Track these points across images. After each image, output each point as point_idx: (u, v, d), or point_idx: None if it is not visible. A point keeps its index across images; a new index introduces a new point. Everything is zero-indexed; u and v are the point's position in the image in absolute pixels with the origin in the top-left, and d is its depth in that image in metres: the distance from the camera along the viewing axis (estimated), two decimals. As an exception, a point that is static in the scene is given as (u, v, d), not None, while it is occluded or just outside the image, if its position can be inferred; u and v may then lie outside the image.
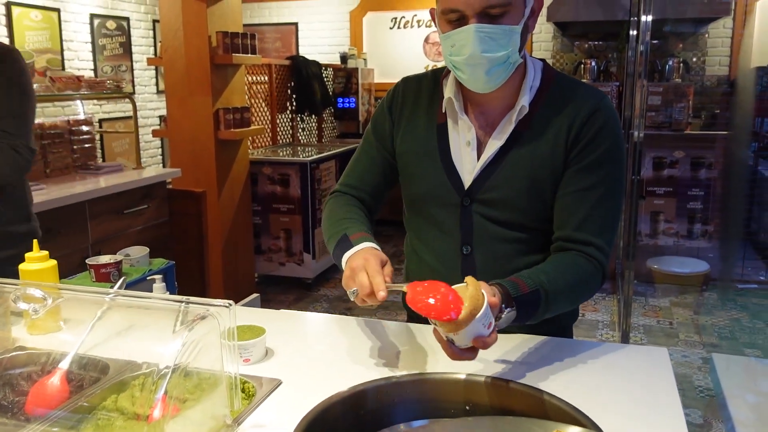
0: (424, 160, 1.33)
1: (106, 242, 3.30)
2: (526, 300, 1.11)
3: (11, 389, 1.19)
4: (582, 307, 4.38)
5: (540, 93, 1.27)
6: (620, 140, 1.26)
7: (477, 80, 1.20)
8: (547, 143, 1.24)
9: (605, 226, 1.24)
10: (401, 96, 1.39)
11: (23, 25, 5.07)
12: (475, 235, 1.30)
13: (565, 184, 1.25)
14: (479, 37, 1.14)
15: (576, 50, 6.30)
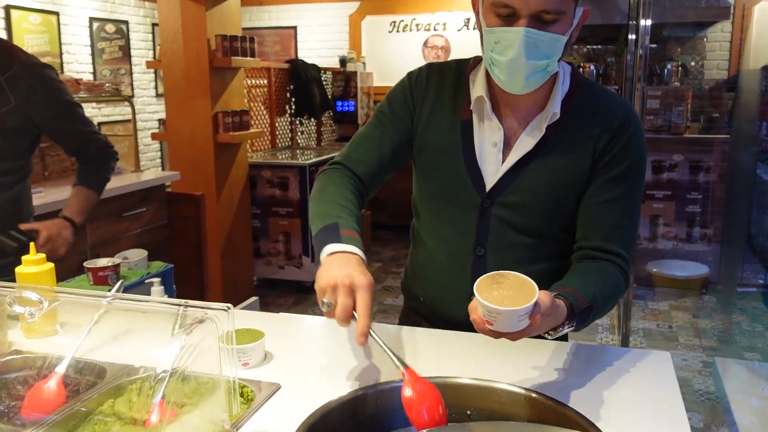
0: (447, 157, 1.29)
1: (105, 245, 3.28)
2: (583, 313, 1.10)
3: (7, 393, 1.18)
4: (581, 310, 4.38)
5: (568, 98, 1.25)
6: (645, 152, 1.26)
7: (514, 84, 1.17)
8: (574, 152, 1.23)
9: (630, 237, 1.24)
10: (425, 81, 1.33)
11: (22, 29, 5.07)
12: (491, 238, 1.29)
13: (592, 194, 1.24)
14: (527, 42, 1.10)
15: (574, 54, 6.30)
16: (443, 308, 1.38)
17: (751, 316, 4.24)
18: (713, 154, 4.79)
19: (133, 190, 3.52)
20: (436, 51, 6.64)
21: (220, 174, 4.19)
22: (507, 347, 1.31)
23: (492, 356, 1.27)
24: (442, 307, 1.38)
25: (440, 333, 1.38)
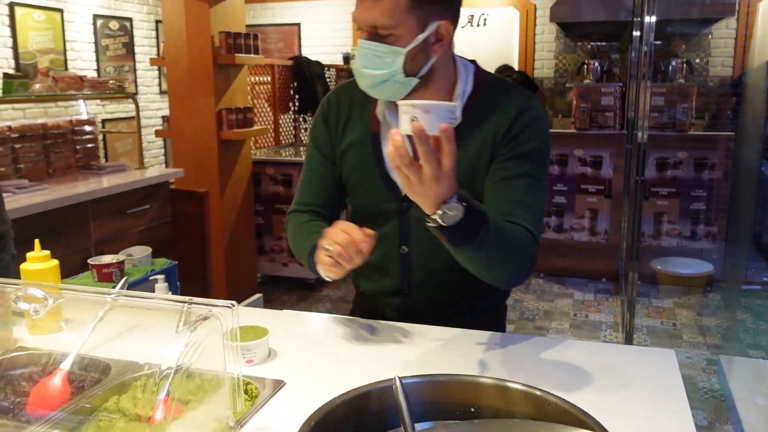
0: (363, 172, 1.37)
1: (109, 242, 3.29)
2: (475, 212, 1.05)
3: (12, 390, 1.18)
4: (585, 307, 4.38)
5: (472, 98, 1.30)
6: (548, 137, 1.30)
7: (368, 90, 1.26)
8: (478, 146, 1.28)
9: (534, 214, 1.25)
10: (336, 107, 1.42)
11: (26, 26, 5.07)
12: (412, 237, 1.36)
13: (494, 174, 1.27)
14: (363, 53, 1.21)
15: (579, 51, 6.28)
16: (380, 300, 1.48)
17: (755, 314, 4.23)
18: (718, 151, 4.78)
19: (137, 187, 3.52)
20: (440, 48, 6.63)
21: (224, 171, 4.19)
22: (510, 345, 1.31)
23: (495, 353, 1.27)
24: (379, 298, 1.49)
25: (442, 330, 1.38)
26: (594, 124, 4.95)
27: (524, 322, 4.17)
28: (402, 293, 1.43)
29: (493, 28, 6.49)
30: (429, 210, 1.03)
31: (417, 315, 1.43)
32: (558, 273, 5.08)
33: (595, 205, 4.98)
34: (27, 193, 3.05)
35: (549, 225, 5.09)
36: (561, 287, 4.85)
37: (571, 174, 4.99)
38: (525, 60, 6.40)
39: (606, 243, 4.98)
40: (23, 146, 3.34)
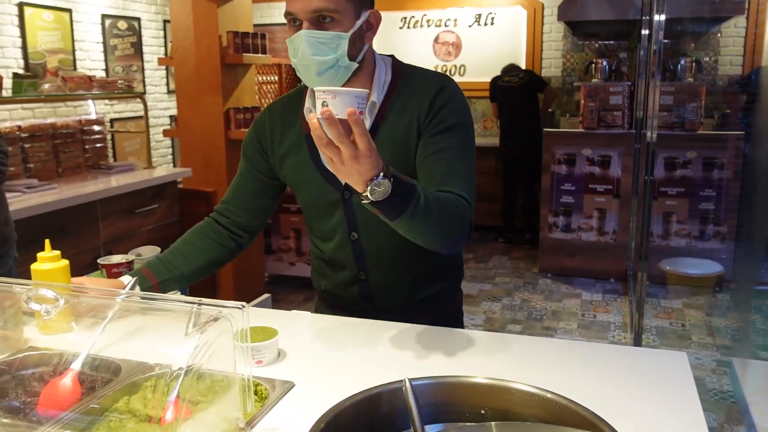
0: (302, 172, 1.45)
1: (118, 242, 3.30)
2: (403, 185, 1.12)
3: (23, 390, 1.18)
4: (593, 308, 4.37)
5: (392, 85, 1.39)
6: (468, 111, 1.39)
7: (310, 79, 1.31)
8: (403, 127, 1.36)
9: (466, 181, 1.31)
10: (268, 122, 1.50)
11: (35, 26, 5.09)
12: (359, 222, 1.43)
13: (422, 150, 1.34)
14: (309, 41, 1.26)
15: (587, 50, 6.26)
16: (339, 291, 1.53)
17: (766, 315, 4.20)
18: (727, 150, 4.75)
19: (146, 186, 3.53)
20: (447, 47, 6.62)
21: (232, 170, 4.18)
22: (520, 347, 1.31)
23: (505, 355, 1.26)
24: (338, 290, 1.53)
25: (451, 331, 1.37)
26: (602, 124, 4.93)
27: (532, 322, 4.16)
28: (359, 280, 1.49)
29: (501, 27, 6.47)
30: (359, 188, 1.10)
31: (378, 300, 1.50)
32: (566, 273, 5.07)
33: (604, 204, 4.96)
34: (36, 192, 3.06)
35: (557, 225, 5.07)
36: (569, 287, 4.84)
37: (579, 173, 4.97)
38: (532, 59, 6.39)
39: (614, 243, 4.97)
40: (33, 146, 3.35)
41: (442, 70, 6.65)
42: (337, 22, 1.27)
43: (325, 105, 1.03)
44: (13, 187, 3.03)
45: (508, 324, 4.14)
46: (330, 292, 1.58)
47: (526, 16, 6.37)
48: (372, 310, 1.51)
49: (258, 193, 1.55)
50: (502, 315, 4.30)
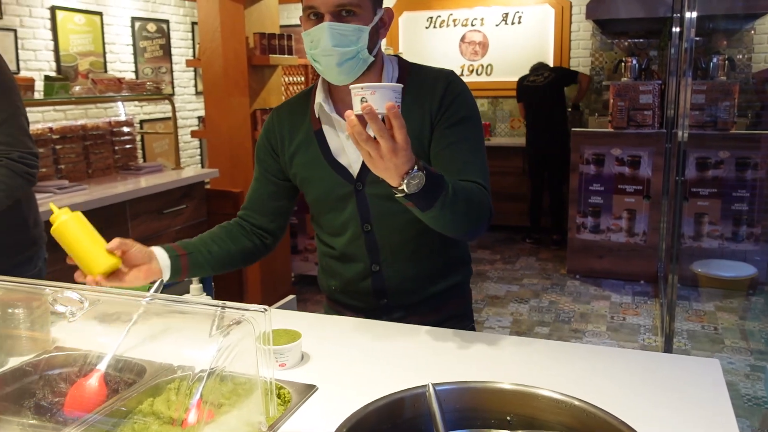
0: (313, 167, 1.47)
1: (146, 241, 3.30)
2: (434, 177, 1.16)
3: (50, 390, 1.20)
4: (622, 310, 4.30)
5: (400, 81, 1.43)
6: (475, 104, 1.44)
7: (330, 70, 1.35)
8: (414, 120, 1.37)
9: (482, 171, 1.37)
10: (276, 127, 1.53)
11: (67, 29, 5.18)
12: (372, 214, 1.44)
13: (437, 143, 1.38)
14: (331, 33, 1.30)
15: (616, 48, 6.17)
16: (351, 287, 1.54)
17: (801, 319, 4.10)
18: (761, 150, 4.64)
19: (174, 187, 3.56)
20: (474, 46, 6.58)
21: (259, 171, 4.21)
22: (548, 351, 1.29)
23: (531, 360, 1.24)
24: (350, 286, 1.54)
25: (475, 335, 1.35)
26: (632, 123, 4.85)
27: (559, 324, 4.11)
28: (372, 273, 1.49)
29: (528, 25, 6.41)
30: (394, 182, 1.13)
31: (390, 294, 1.50)
32: (594, 275, 5.00)
33: (633, 205, 4.88)
34: (67, 193, 3.10)
35: (585, 226, 5.01)
36: (597, 289, 4.77)
37: (608, 174, 4.90)
38: (560, 58, 6.32)
39: (644, 244, 4.88)
40: (64, 147, 3.40)
41: (469, 69, 6.61)
42: (357, 15, 1.32)
43: (365, 101, 1.05)
44: (44, 188, 3.08)
45: (535, 326, 4.10)
46: (340, 291, 1.58)
47: (553, 14, 6.31)
48: (383, 307, 1.51)
49: (272, 195, 1.56)
50: (530, 317, 4.26)
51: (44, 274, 2.15)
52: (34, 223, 2.04)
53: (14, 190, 1.81)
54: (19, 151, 1.82)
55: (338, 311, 1.61)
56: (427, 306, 1.52)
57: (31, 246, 2.02)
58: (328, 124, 1.46)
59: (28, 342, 1.30)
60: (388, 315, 1.51)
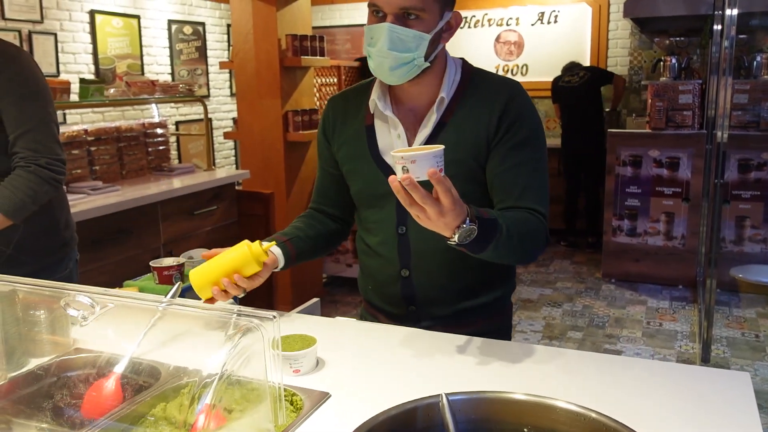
0: (358, 161, 1.46)
1: (177, 242, 3.37)
2: (486, 224, 1.18)
3: (68, 391, 1.21)
4: (659, 315, 4.19)
5: (461, 86, 1.40)
6: (537, 118, 1.40)
7: (382, 71, 1.33)
8: (470, 130, 1.36)
9: (542, 195, 1.37)
10: (331, 116, 1.53)
11: (105, 32, 5.28)
12: (409, 217, 1.39)
13: (499, 163, 1.36)
14: (391, 36, 1.27)
15: (655, 47, 6.03)
16: (383, 289, 1.52)
17: None
18: (807, 151, 4.48)
19: (205, 188, 3.60)
20: (509, 46, 6.51)
21: (290, 172, 4.24)
22: (568, 361, 1.25)
23: (552, 370, 1.21)
24: (382, 289, 1.53)
25: (496, 343, 1.32)
26: (671, 124, 4.73)
27: (593, 329, 4.03)
28: (402, 278, 1.46)
29: (564, 24, 6.31)
30: (446, 234, 1.14)
31: (420, 302, 1.47)
32: (630, 279, 4.89)
33: (672, 208, 4.76)
34: (101, 194, 3.15)
35: (621, 228, 4.90)
36: (633, 293, 4.67)
37: (645, 176, 4.79)
38: (597, 57, 6.20)
39: (683, 248, 4.76)
40: (98, 149, 3.46)
41: (504, 69, 6.54)
42: (421, 20, 1.29)
43: (405, 170, 1.07)
44: (78, 189, 3.13)
45: (568, 330, 4.03)
46: (374, 293, 1.56)
47: (591, 13, 6.19)
48: (412, 315, 1.48)
49: (335, 187, 1.56)
50: (563, 321, 4.18)
51: (76, 275, 2.18)
52: (65, 225, 2.07)
53: (41, 195, 1.84)
54: (47, 157, 1.85)
55: (373, 315, 1.59)
56: (459, 319, 1.47)
57: (62, 248, 2.05)
58: (381, 120, 1.44)
59: (49, 343, 1.31)
60: (417, 324, 1.47)
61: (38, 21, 4.76)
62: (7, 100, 1.82)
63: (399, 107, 1.44)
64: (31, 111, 1.85)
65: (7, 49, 1.85)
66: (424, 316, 1.48)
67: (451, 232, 1.12)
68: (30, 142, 1.84)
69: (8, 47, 1.86)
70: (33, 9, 4.73)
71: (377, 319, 1.58)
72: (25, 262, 1.95)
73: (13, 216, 1.81)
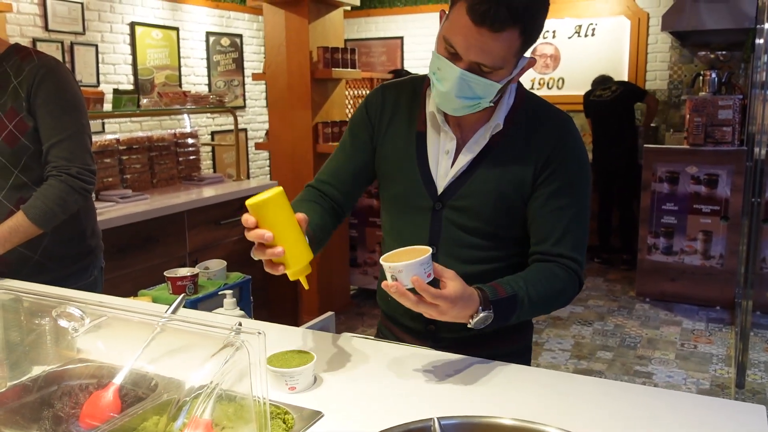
0: (403, 166, 1.41)
1: (203, 251, 3.41)
2: (503, 304, 1.20)
3: (69, 400, 1.21)
4: (694, 337, 4.06)
5: (513, 110, 1.35)
6: (587, 163, 1.37)
7: (444, 107, 1.30)
8: (516, 160, 1.33)
9: (580, 241, 1.34)
10: (381, 102, 1.45)
11: (145, 44, 5.40)
12: (442, 238, 1.39)
13: (542, 203, 1.33)
14: (461, 82, 1.21)
15: (696, 61, 5.89)
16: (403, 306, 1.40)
17: None
18: None
19: (231, 198, 3.63)
20: (545, 59, 6.44)
21: (319, 184, 4.24)
22: (572, 386, 1.20)
23: (552, 395, 1.16)
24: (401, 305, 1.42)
25: (499, 366, 1.29)
26: (709, 140, 4.60)
27: (624, 350, 3.93)
28: None
29: (602, 38, 6.21)
30: (463, 321, 1.17)
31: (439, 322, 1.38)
32: (665, 298, 4.76)
33: (710, 226, 4.62)
34: (129, 202, 3.21)
35: (657, 246, 4.78)
36: (668, 314, 4.54)
37: (682, 193, 4.66)
38: (636, 71, 6.08)
39: (721, 268, 4.61)
40: (129, 158, 3.53)
41: (539, 83, 6.47)
42: (495, 73, 1.23)
43: (394, 279, 1.11)
44: (107, 197, 3.19)
45: (597, 350, 3.93)
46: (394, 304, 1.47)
47: (629, 26, 6.09)
48: (431, 334, 1.44)
49: (355, 172, 1.47)
50: (592, 340, 4.09)
51: (100, 283, 2.21)
52: (91, 233, 2.11)
53: (70, 205, 1.88)
54: (78, 167, 1.88)
55: (389, 329, 1.55)
56: (479, 342, 1.41)
57: (87, 255, 2.09)
58: (434, 130, 1.39)
59: (54, 352, 1.32)
60: (435, 343, 1.43)
61: (80, 33, 4.89)
62: (44, 109, 1.87)
63: (450, 121, 1.38)
64: (66, 122, 1.89)
65: (47, 62, 1.90)
66: (443, 335, 1.44)
67: (466, 321, 1.16)
68: (63, 152, 1.88)
69: (48, 59, 1.91)
70: (75, 21, 4.86)
71: (393, 333, 1.54)
72: (52, 268, 1.99)
73: (42, 225, 1.85)
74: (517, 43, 1.19)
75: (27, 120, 1.86)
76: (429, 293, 1.09)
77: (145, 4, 5.39)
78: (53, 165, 1.88)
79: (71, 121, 1.91)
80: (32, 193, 1.87)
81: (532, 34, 1.21)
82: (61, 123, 1.88)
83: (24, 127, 1.86)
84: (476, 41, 1.17)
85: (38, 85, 1.85)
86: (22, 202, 1.86)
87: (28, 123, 1.86)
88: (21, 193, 1.89)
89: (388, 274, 1.11)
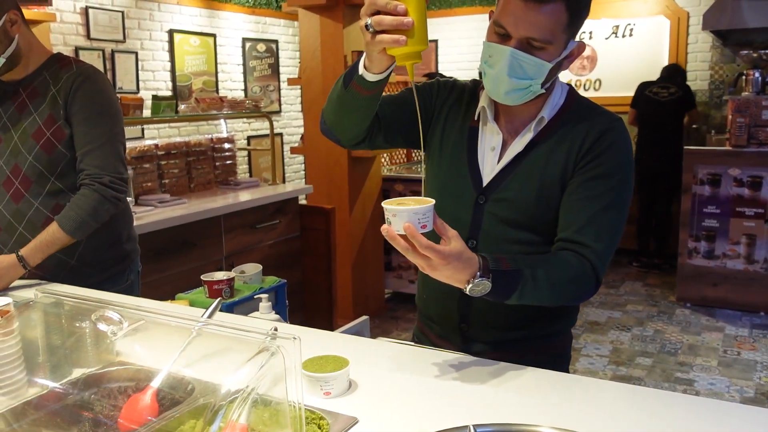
0: (453, 158, 1.43)
1: (239, 255, 3.44)
2: (505, 276, 1.18)
3: (108, 403, 1.23)
4: (737, 344, 3.96)
5: (562, 110, 1.37)
6: (630, 162, 1.34)
7: (496, 93, 1.31)
8: (560, 154, 1.33)
9: (605, 233, 1.30)
10: (449, 90, 1.49)
11: (183, 50, 5.49)
12: (483, 231, 1.39)
13: (572, 191, 1.32)
14: (511, 62, 1.23)
15: (739, 60, 5.74)
16: (440, 302, 1.47)
17: None
18: None
19: (267, 202, 3.66)
20: (582, 60, 6.35)
21: (354, 187, 4.26)
22: (611, 395, 1.18)
23: (590, 404, 1.14)
24: (439, 300, 1.47)
25: (543, 373, 1.26)
26: (753, 141, 4.48)
27: (664, 356, 3.84)
28: (460, 293, 1.36)
29: (640, 38, 6.11)
30: (458, 286, 1.16)
31: (472, 323, 1.42)
32: (707, 303, 4.65)
33: (753, 230, 4.50)
34: (168, 206, 3.26)
35: (698, 251, 4.67)
36: (710, 319, 4.43)
37: (724, 195, 4.55)
38: (676, 72, 5.95)
39: (765, 273, 4.48)
40: (168, 163, 3.58)
41: (576, 84, 6.38)
42: (545, 50, 1.24)
43: (389, 222, 1.11)
44: (146, 201, 3.25)
45: (636, 356, 3.85)
46: (430, 303, 1.51)
47: (669, 26, 5.97)
48: (464, 334, 1.43)
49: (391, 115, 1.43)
50: (631, 346, 4.01)
51: (137, 287, 2.24)
52: (127, 237, 2.14)
53: (102, 213, 1.90)
54: (110, 175, 1.91)
55: (426, 335, 1.54)
56: (512, 346, 1.41)
57: (123, 260, 2.12)
58: (486, 126, 1.42)
59: (93, 355, 1.35)
60: (467, 346, 1.43)
61: (120, 41, 4.99)
62: (80, 116, 1.90)
63: (500, 117, 1.41)
64: (100, 129, 1.92)
65: (84, 70, 1.94)
66: (476, 337, 1.43)
67: (462, 285, 1.15)
68: (96, 159, 1.91)
69: (85, 68, 1.95)
70: (116, 29, 4.97)
71: (429, 339, 1.53)
72: (89, 273, 2.02)
73: (74, 234, 1.88)
74: (564, 17, 1.22)
75: (64, 128, 1.90)
76: (420, 243, 1.08)
77: (183, 11, 5.47)
78: (86, 173, 1.91)
79: (105, 129, 1.93)
80: (68, 200, 1.90)
81: (579, 11, 1.25)
82: (94, 131, 1.91)
83: (61, 134, 1.90)
84: (524, 14, 1.21)
85: (74, 92, 1.89)
86: (59, 208, 1.90)
87: (65, 131, 1.90)
88: (57, 199, 1.93)
89: (386, 216, 1.11)
